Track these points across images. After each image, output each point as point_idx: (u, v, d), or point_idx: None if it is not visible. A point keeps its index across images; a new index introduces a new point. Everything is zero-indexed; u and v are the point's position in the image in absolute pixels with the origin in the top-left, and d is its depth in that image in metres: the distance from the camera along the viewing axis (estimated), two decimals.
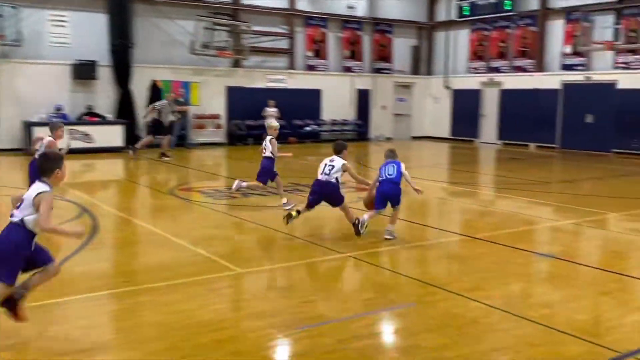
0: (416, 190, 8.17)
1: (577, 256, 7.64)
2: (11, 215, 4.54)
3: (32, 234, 4.52)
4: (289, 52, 23.82)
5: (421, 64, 27.45)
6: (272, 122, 10.98)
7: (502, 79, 24.11)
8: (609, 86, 20.48)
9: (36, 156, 7.87)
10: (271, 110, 21.71)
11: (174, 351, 4.47)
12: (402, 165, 8.03)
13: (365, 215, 7.96)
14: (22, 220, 4.48)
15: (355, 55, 25.26)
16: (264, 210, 10.22)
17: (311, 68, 24.29)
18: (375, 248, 7.62)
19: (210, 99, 21.94)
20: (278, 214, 9.85)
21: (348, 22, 24.96)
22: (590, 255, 7.83)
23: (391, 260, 7.20)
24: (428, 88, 27.03)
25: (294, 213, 8.03)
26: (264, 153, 10.16)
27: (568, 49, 21.66)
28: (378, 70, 26.03)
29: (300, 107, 23.65)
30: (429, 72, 27.42)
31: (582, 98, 21.26)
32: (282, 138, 22.57)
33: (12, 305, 4.58)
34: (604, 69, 20.95)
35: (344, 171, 8.08)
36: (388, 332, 5.07)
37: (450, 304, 5.57)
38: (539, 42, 22.88)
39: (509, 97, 23.66)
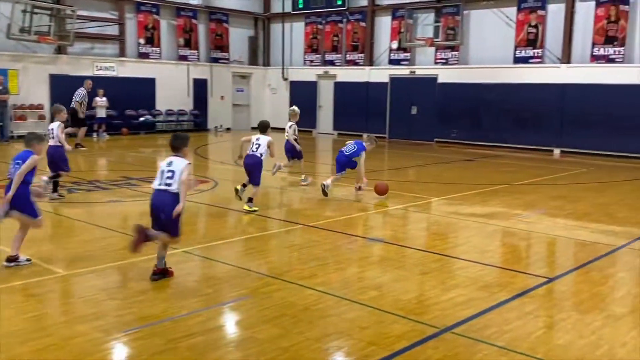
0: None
1: (403, 239, 8.13)
2: (168, 185, 5.80)
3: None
4: (119, 39, 22.62)
5: (259, 54, 27.55)
6: (295, 109, 13.05)
7: (336, 72, 24.96)
8: (431, 80, 22.07)
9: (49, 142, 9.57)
10: (100, 100, 20.50)
11: None
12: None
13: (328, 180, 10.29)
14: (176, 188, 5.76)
15: (190, 44, 24.66)
16: (92, 207, 9.61)
17: (144, 56, 23.30)
18: (210, 242, 7.50)
19: (32, 88, 20.17)
20: (106, 211, 9.35)
21: (182, 10, 24.28)
22: (415, 238, 8.37)
23: (227, 254, 7.12)
24: (266, 79, 27.22)
25: (239, 187, 9.50)
26: (287, 136, 12.29)
27: (394, 45, 22.99)
28: (215, 60, 25.67)
29: (133, 96, 22.61)
30: (267, 63, 27.60)
31: (408, 91, 22.70)
32: (114, 129, 21.64)
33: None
34: (426, 64, 22.53)
35: (268, 147, 9.38)
36: (222, 327, 4.99)
37: (286, 293, 5.64)
38: (368, 37, 24.00)
39: (343, 90, 24.56)
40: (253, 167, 9.35)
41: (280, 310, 5.17)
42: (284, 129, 12.68)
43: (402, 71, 23.04)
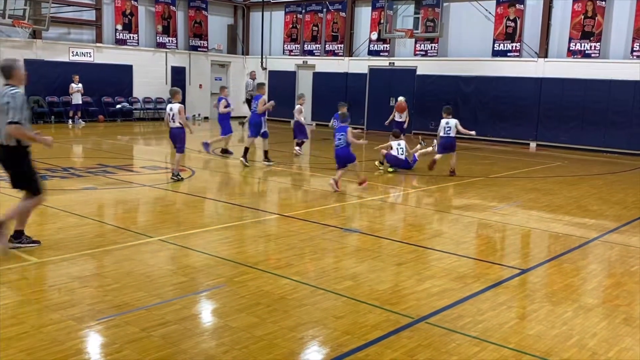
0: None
1: (380, 230, 8.16)
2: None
3: None
4: (96, 25, 22.27)
5: (238, 43, 27.35)
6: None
7: (315, 62, 24.89)
8: (411, 72, 22.13)
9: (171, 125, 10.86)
10: (76, 87, 20.21)
11: None
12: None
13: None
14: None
15: (169, 31, 24.39)
16: (66, 195, 9.48)
17: (121, 42, 22.98)
18: (186, 231, 7.45)
19: None
20: (80, 198, 9.24)
21: None
22: (391, 229, 8.40)
23: (203, 243, 7.09)
24: (245, 68, 27.04)
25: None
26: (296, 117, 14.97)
27: (374, 36, 22.99)
28: (194, 48, 25.43)
29: (110, 83, 22.35)
30: (246, 52, 27.42)
31: (387, 82, 22.73)
32: (90, 116, 21.35)
33: None
34: (405, 56, 22.58)
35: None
36: (196, 315, 4.97)
37: (261, 282, 5.63)
38: (348, 28, 23.96)
39: (321, 80, 24.51)
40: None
41: (255, 299, 5.17)
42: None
43: (382, 62, 23.06)
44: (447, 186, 11.67)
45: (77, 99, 20.42)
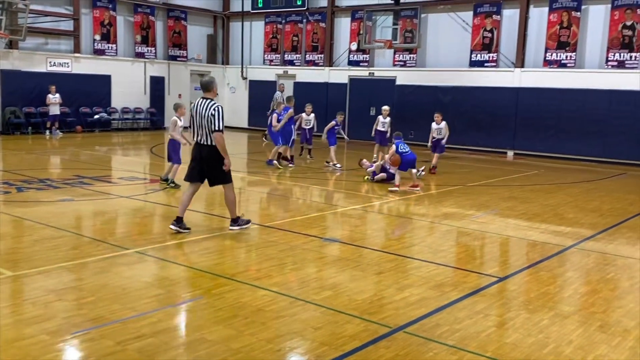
0: None
1: (359, 239, 8.17)
2: None
3: None
4: (73, 35, 22.11)
5: (218, 53, 27.32)
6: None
7: (296, 72, 24.95)
8: (390, 82, 22.27)
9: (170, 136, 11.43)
10: (53, 97, 20.02)
11: None
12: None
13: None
14: None
15: (148, 41, 24.29)
16: (42, 206, 9.36)
17: (99, 52, 22.84)
18: (164, 242, 7.40)
19: None
20: (57, 210, 9.13)
21: (140, 7, 23.90)
22: (371, 238, 8.42)
23: (181, 254, 7.04)
24: (225, 77, 27.01)
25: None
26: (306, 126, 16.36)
27: (354, 46, 23.12)
28: (173, 58, 25.36)
29: (88, 93, 22.20)
30: (226, 62, 27.40)
31: (367, 92, 22.85)
32: (67, 126, 21.14)
33: None
34: (385, 66, 22.74)
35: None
36: (173, 328, 4.92)
37: (239, 294, 5.60)
38: (328, 38, 24.07)
39: (302, 90, 24.54)
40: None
41: (232, 312, 5.14)
42: (242, 128, 12.62)
43: (362, 72, 23.19)
44: (426, 195, 11.74)
45: (54, 109, 20.22)
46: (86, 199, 10.05)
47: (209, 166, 7.65)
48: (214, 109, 7.45)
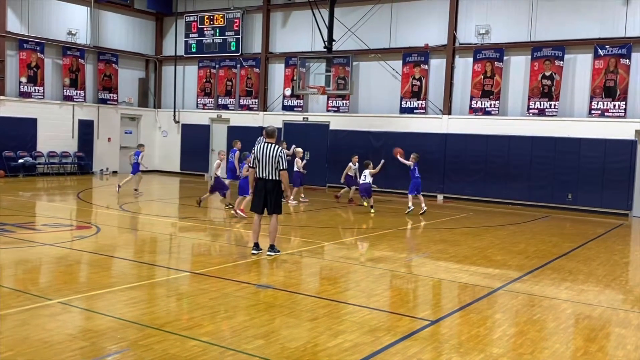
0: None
1: (294, 285, 8.10)
2: None
3: None
4: None
5: (149, 96, 27.03)
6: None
7: (230, 116, 24.95)
8: (324, 127, 22.60)
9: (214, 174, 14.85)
10: None
11: None
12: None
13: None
14: None
15: (77, 84, 23.78)
16: None
17: (25, 95, 22.15)
18: (90, 292, 7.09)
19: None
20: None
21: (69, 49, 23.45)
22: (305, 283, 8.37)
23: (107, 304, 6.76)
24: (157, 121, 26.69)
25: None
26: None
27: (287, 91, 23.41)
28: (103, 101, 24.88)
29: (12, 137, 21.42)
30: (158, 105, 27.12)
31: (301, 137, 23.04)
32: None
33: None
34: (318, 111, 23.09)
35: None
36: None
37: (168, 345, 5.40)
38: (262, 83, 24.29)
39: (236, 134, 24.50)
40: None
41: None
42: (174, 172, 12.43)
43: (296, 117, 23.45)
44: (359, 239, 11.83)
45: None
46: (7, 247, 9.55)
47: (271, 197, 9.24)
48: (281, 153, 9.22)
